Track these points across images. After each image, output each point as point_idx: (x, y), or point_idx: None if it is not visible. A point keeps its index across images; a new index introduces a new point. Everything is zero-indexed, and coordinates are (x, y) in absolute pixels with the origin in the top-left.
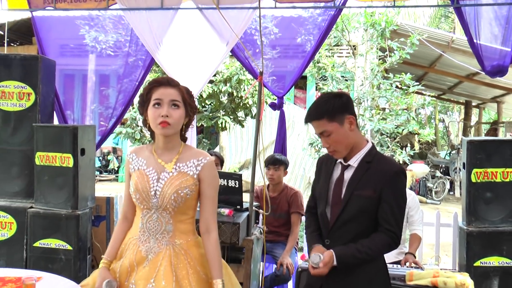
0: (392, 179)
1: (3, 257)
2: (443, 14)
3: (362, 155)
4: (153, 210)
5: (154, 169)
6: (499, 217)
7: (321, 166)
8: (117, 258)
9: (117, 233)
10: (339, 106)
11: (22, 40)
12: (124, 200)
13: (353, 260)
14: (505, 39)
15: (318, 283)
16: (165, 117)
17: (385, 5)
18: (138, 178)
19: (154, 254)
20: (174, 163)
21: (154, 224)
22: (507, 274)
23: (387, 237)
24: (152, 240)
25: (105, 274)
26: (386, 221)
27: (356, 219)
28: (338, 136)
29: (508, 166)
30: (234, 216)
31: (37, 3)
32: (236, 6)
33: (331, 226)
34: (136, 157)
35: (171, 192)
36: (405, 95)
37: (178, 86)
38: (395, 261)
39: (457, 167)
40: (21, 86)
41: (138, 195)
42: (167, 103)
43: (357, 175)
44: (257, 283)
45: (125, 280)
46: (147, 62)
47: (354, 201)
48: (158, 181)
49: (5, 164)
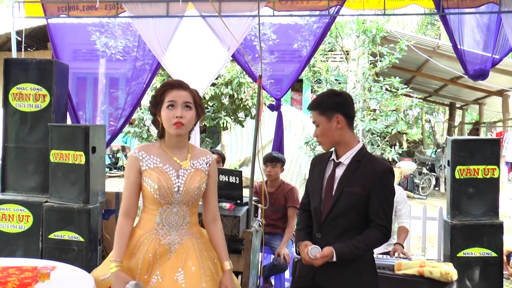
0: (380, 177)
1: (21, 247)
2: (430, 21)
3: (353, 154)
4: (173, 205)
5: (171, 166)
6: (480, 211)
7: (314, 166)
8: (128, 255)
9: (122, 231)
10: (331, 104)
11: (38, 45)
12: (126, 198)
13: (351, 256)
14: (486, 45)
15: (311, 274)
16: (179, 118)
17: (375, 13)
18: (160, 176)
19: (178, 245)
20: (189, 160)
21: (174, 217)
22: (487, 264)
23: (380, 232)
24: (173, 233)
25: (124, 276)
26: (377, 216)
27: (346, 214)
28: (323, 129)
29: (489, 163)
30: (235, 210)
31: (52, 11)
32: (237, 14)
33: (323, 221)
34: (147, 155)
35: (195, 187)
36: (394, 97)
37: (189, 88)
38: (384, 252)
39: (442, 165)
40: (37, 88)
41: (162, 191)
42: (180, 104)
43: (348, 172)
44: (256, 272)
45: (145, 274)
46: (153, 66)
47: (344, 197)
48: (178, 177)
49: (23, 161)
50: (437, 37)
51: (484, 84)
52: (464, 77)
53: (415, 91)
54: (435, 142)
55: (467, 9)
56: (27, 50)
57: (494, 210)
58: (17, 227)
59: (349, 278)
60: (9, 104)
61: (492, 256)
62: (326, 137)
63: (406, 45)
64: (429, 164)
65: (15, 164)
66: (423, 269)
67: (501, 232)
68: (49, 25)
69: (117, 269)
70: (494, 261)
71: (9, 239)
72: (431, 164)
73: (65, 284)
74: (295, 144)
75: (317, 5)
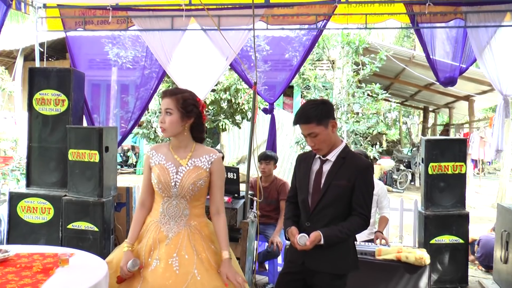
0: (363, 172)
1: (43, 236)
2: (406, 34)
3: (338, 152)
4: (172, 198)
5: (172, 164)
6: (450, 202)
7: (300, 163)
8: (138, 240)
9: (137, 219)
10: (325, 112)
11: (58, 55)
12: (142, 190)
13: (336, 240)
14: (454, 55)
15: (300, 259)
16: (161, 123)
17: (358, 27)
18: (160, 171)
19: (174, 233)
20: (188, 159)
21: (174, 209)
22: (455, 249)
23: (361, 220)
24: (172, 222)
25: (129, 255)
26: (359, 206)
27: (333, 204)
28: (323, 136)
29: (457, 160)
30: (233, 202)
31: (70, 25)
32: (234, 28)
33: (312, 211)
34: (156, 153)
35: (189, 183)
36: (375, 101)
37: (175, 95)
38: (367, 240)
39: (417, 162)
40: (57, 94)
41: (161, 185)
42: (163, 111)
43: (334, 168)
44: (252, 258)
45: (148, 257)
46: (159, 74)
47: (331, 189)
48: (177, 174)
49: (44, 159)
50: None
51: (453, 90)
52: (436, 84)
53: (394, 96)
54: (411, 141)
55: (437, 24)
56: (48, 60)
57: (462, 202)
58: (40, 218)
59: (336, 261)
60: (33, 108)
61: (460, 242)
62: (325, 143)
63: (385, 55)
64: (405, 161)
65: (38, 162)
66: (400, 254)
67: (467, 222)
68: (68, 38)
69: (127, 249)
70: (461, 247)
71: (33, 229)
72: (408, 161)
73: (82, 268)
74: (287, 143)
75: (306, 19)
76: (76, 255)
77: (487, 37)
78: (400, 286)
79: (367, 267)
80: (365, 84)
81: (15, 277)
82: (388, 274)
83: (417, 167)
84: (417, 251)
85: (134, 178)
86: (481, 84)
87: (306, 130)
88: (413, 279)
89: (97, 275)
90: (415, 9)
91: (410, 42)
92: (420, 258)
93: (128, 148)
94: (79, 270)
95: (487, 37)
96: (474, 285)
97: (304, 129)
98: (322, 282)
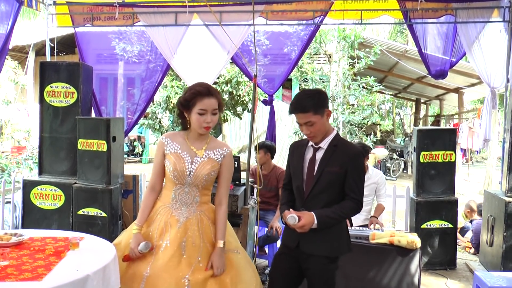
0: (354, 159)
1: (55, 221)
2: (399, 30)
3: (330, 139)
4: (185, 185)
5: (188, 154)
6: (440, 189)
7: (293, 151)
8: (148, 222)
9: (146, 202)
10: (321, 102)
11: (68, 50)
12: (154, 174)
13: (329, 221)
14: (445, 50)
15: (295, 242)
16: (208, 123)
17: (354, 22)
18: (176, 160)
19: (185, 218)
20: (204, 150)
21: (186, 196)
22: (445, 233)
23: (353, 203)
24: (184, 208)
25: (139, 237)
26: (352, 191)
27: (326, 190)
28: (319, 125)
29: (447, 149)
30: (234, 189)
31: (78, 21)
32: (235, 23)
33: (306, 197)
34: (171, 141)
35: (204, 174)
36: (369, 93)
37: (216, 94)
38: (362, 225)
39: (409, 151)
40: (67, 87)
41: (176, 173)
42: (210, 111)
43: (327, 155)
44: (252, 242)
45: (160, 239)
46: (164, 68)
47: (324, 176)
48: (192, 163)
49: (56, 149)
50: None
51: (444, 83)
52: (427, 77)
53: (387, 88)
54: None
55: (429, 20)
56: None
57: (451, 189)
58: (52, 205)
59: (330, 243)
60: (44, 100)
61: (449, 227)
62: (320, 131)
63: (380, 50)
64: (398, 150)
65: (50, 151)
66: (392, 238)
67: (456, 207)
68: (76, 33)
69: (137, 231)
70: (450, 231)
71: (45, 215)
72: (401, 150)
73: (92, 251)
74: (286, 133)
75: (304, 15)
76: (86, 239)
77: (476, 32)
78: (393, 268)
79: (362, 251)
80: (360, 77)
81: (29, 259)
82: (381, 257)
83: (409, 156)
84: (409, 235)
85: (141, 167)
86: (470, 77)
87: (303, 119)
88: (405, 261)
89: (106, 257)
90: (408, 6)
91: (403, 37)
92: (412, 242)
93: (135, 138)
94: (88, 253)
95: (476, 33)
96: (462, 267)
97: (301, 118)
98: (316, 265)
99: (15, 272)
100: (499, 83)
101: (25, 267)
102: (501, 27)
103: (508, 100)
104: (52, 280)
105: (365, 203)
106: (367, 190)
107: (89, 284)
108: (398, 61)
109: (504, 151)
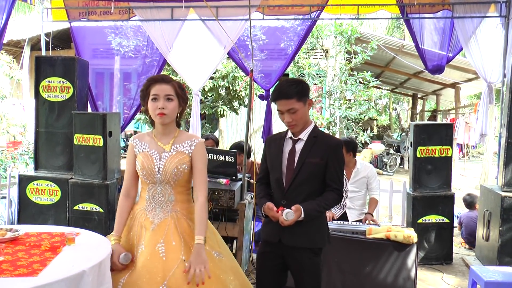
0: (335, 149)
1: (51, 217)
2: (396, 25)
3: (309, 131)
4: (157, 184)
5: (156, 151)
6: (437, 184)
7: (270, 144)
8: (128, 229)
9: (121, 210)
10: (303, 90)
11: (63, 45)
12: (126, 179)
13: (315, 213)
14: (442, 45)
15: (277, 237)
16: (162, 109)
17: (350, 17)
18: (144, 159)
19: (160, 219)
20: (171, 144)
21: (159, 195)
22: (441, 228)
23: (336, 194)
24: (158, 209)
25: (118, 248)
26: (333, 181)
27: (308, 181)
28: (301, 114)
29: (444, 144)
30: (230, 185)
31: (74, 16)
32: (232, 18)
33: (287, 189)
34: (140, 142)
35: (172, 168)
36: (366, 89)
37: (172, 82)
38: (357, 220)
39: (406, 146)
40: (62, 81)
41: (144, 171)
42: (163, 97)
43: (307, 146)
44: (249, 237)
45: (137, 245)
46: (160, 62)
47: (305, 167)
48: (160, 160)
49: (51, 144)
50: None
51: (441, 78)
52: (424, 72)
53: (384, 83)
54: (400, 127)
55: (426, 15)
56: (54, 49)
57: (448, 184)
58: (48, 200)
59: (312, 235)
60: (39, 95)
61: (445, 222)
62: (302, 120)
63: (376, 45)
64: (395, 145)
65: (45, 146)
66: (389, 233)
67: (452, 202)
68: (72, 28)
69: (115, 242)
70: (446, 226)
71: (42, 210)
72: (397, 145)
73: (88, 247)
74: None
75: (301, 10)
76: (82, 235)
77: (472, 27)
78: (389, 263)
79: (359, 245)
80: (357, 72)
81: (24, 255)
82: (378, 251)
83: (406, 151)
84: (405, 230)
85: None
86: (466, 72)
87: (286, 105)
88: (402, 256)
89: (102, 253)
90: (405, 0)
91: (400, 32)
92: (408, 236)
93: (131, 133)
94: (84, 249)
95: (473, 28)
96: (458, 261)
97: (284, 105)
98: (301, 259)
99: (10, 267)
100: (496, 78)
101: (21, 263)
102: (498, 22)
103: (504, 95)
104: (48, 276)
105: (357, 197)
106: (358, 185)
107: (85, 279)
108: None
109: (500, 146)
